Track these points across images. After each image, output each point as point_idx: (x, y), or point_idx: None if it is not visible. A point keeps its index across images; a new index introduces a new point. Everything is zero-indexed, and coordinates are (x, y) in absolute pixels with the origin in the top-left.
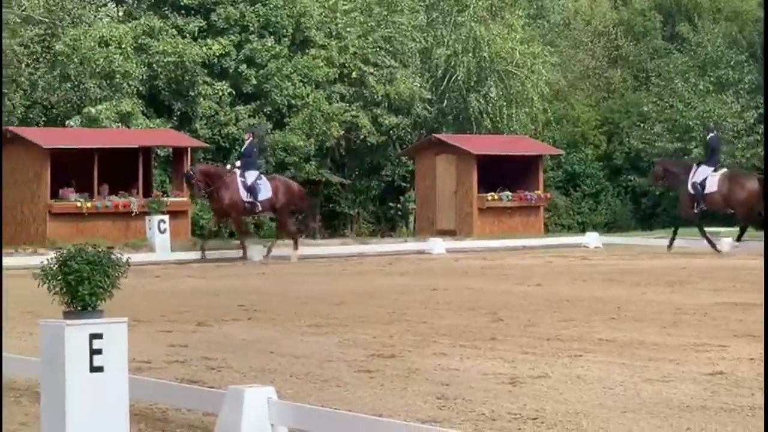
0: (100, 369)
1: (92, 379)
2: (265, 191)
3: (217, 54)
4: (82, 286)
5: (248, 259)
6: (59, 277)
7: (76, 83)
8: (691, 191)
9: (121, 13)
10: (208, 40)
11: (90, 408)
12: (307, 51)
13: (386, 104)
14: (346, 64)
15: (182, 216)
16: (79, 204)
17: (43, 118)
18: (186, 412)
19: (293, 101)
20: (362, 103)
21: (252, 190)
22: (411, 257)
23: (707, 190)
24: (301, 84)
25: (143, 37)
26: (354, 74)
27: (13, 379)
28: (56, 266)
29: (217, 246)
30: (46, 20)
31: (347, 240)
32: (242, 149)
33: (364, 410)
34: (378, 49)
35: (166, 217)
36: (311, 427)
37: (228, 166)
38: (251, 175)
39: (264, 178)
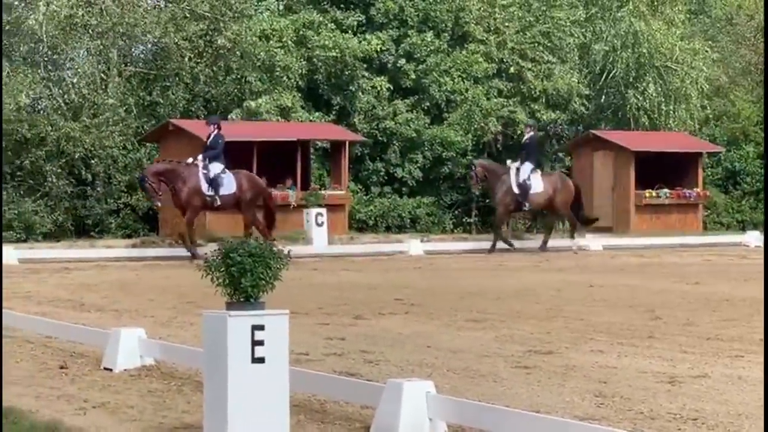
0: (261, 360)
1: (254, 369)
2: (229, 185)
3: (376, 49)
4: (244, 278)
5: (197, 258)
6: (222, 269)
7: (237, 77)
8: (516, 191)
9: (281, 7)
10: (367, 35)
11: (251, 398)
12: (465, 46)
13: (544, 100)
14: (505, 60)
15: (340, 209)
16: None
17: (205, 111)
18: (344, 405)
19: (451, 96)
20: (520, 99)
21: (214, 183)
22: (568, 253)
23: (533, 190)
24: (460, 79)
25: (303, 30)
26: (512, 69)
27: (175, 368)
28: (219, 258)
29: (374, 240)
30: (209, 15)
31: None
32: (208, 141)
33: (521, 406)
34: (536, 44)
35: (324, 210)
36: (469, 422)
37: (189, 160)
38: (215, 168)
39: (228, 172)
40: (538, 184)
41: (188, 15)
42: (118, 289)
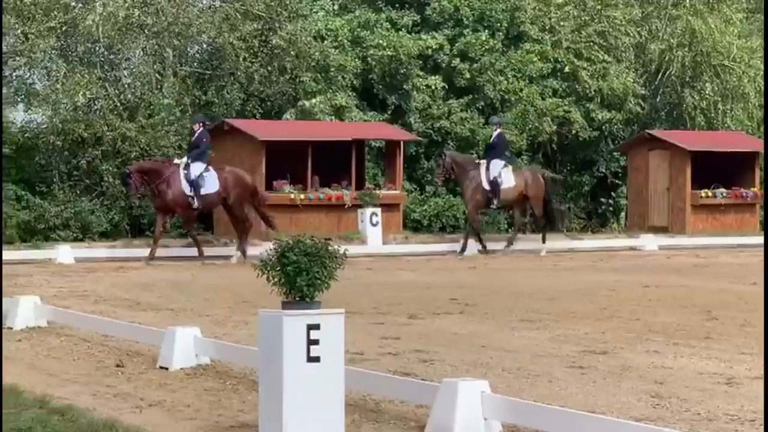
0: (316, 359)
1: (309, 369)
2: (211, 185)
3: (431, 48)
4: (300, 277)
5: (204, 257)
6: (278, 268)
7: (291, 76)
8: (487, 187)
9: (336, 7)
10: (422, 34)
11: (306, 397)
12: (520, 45)
13: (599, 99)
14: (560, 59)
15: (394, 209)
16: (292, 195)
17: (260, 110)
18: (399, 404)
19: (506, 96)
20: (575, 98)
21: (195, 184)
22: (623, 253)
23: (504, 185)
24: (515, 79)
25: (358, 30)
26: (567, 69)
27: (230, 367)
28: (275, 257)
29: (432, 240)
30: (264, 15)
31: (558, 235)
32: (192, 139)
33: (576, 406)
34: (591, 43)
35: (378, 210)
36: (524, 422)
37: (176, 160)
38: (196, 168)
39: (212, 170)
40: (509, 180)
41: (243, 15)
42: (173, 289)
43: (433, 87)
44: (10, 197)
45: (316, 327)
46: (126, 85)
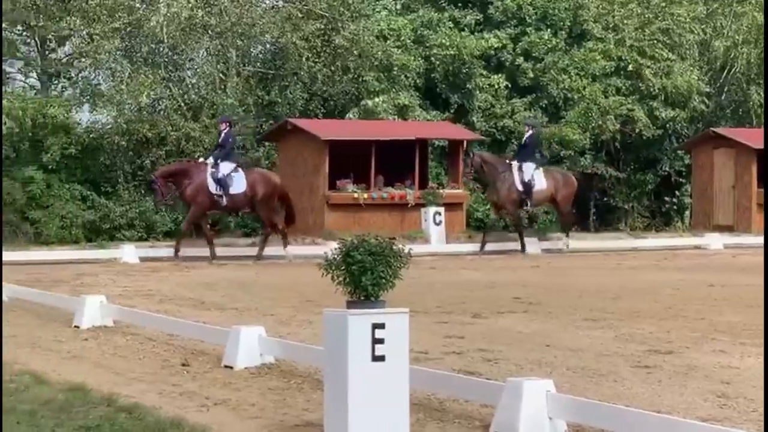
0: (381, 358)
1: (374, 368)
2: (239, 185)
3: (494, 47)
4: (365, 277)
5: (214, 258)
6: (342, 268)
7: (354, 76)
8: (520, 188)
9: (399, 6)
10: (485, 33)
11: (371, 396)
12: (583, 44)
13: (663, 97)
14: (623, 57)
15: (458, 208)
16: (356, 195)
17: (322, 110)
18: (463, 403)
19: (569, 94)
20: (638, 96)
21: (222, 182)
22: (687, 252)
23: (537, 187)
24: (578, 77)
25: (421, 29)
26: (630, 67)
27: (294, 366)
28: (340, 257)
29: (496, 239)
30: (327, 15)
31: (621, 234)
32: (219, 139)
33: (641, 406)
34: (655, 41)
35: (442, 209)
36: (590, 422)
37: (201, 159)
38: (225, 167)
39: (240, 170)
40: (541, 182)
41: (305, 14)
42: (237, 288)
43: (496, 86)
44: (76, 197)
45: (381, 326)
46: (190, 85)
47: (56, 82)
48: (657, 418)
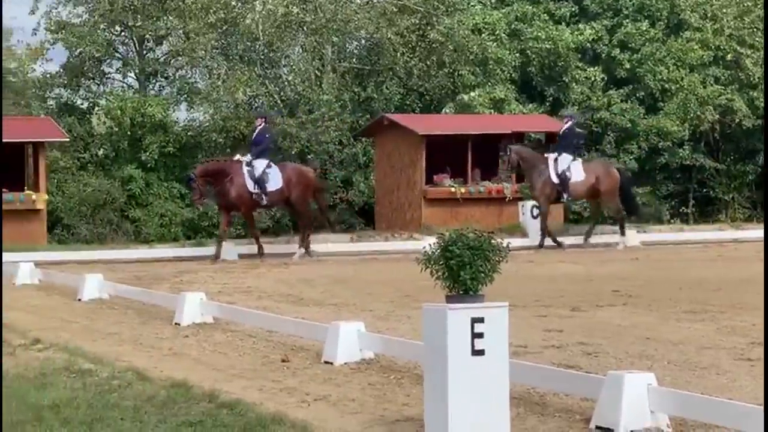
0: (481, 353)
1: (474, 362)
2: (275, 182)
3: (590, 39)
4: (463, 271)
5: (263, 255)
6: (441, 262)
7: (450, 70)
8: (556, 181)
9: (494, 0)
10: (581, 25)
11: (471, 390)
12: (681, 34)
13: (763, 87)
14: (721, 47)
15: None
16: (453, 189)
17: (419, 105)
18: (563, 397)
19: (667, 85)
20: (738, 86)
21: (260, 180)
22: None
23: (574, 179)
24: (675, 68)
25: (516, 23)
26: (729, 56)
27: (394, 361)
28: (438, 251)
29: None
30: (422, 9)
31: (722, 226)
32: (252, 137)
33: (746, 400)
34: (755, 30)
35: None
36: (693, 416)
37: (236, 157)
38: (260, 164)
39: (275, 167)
40: (578, 173)
41: (400, 10)
42: (335, 284)
43: (593, 78)
44: (175, 195)
45: (480, 320)
46: (286, 82)
47: (154, 81)
48: (761, 412)
